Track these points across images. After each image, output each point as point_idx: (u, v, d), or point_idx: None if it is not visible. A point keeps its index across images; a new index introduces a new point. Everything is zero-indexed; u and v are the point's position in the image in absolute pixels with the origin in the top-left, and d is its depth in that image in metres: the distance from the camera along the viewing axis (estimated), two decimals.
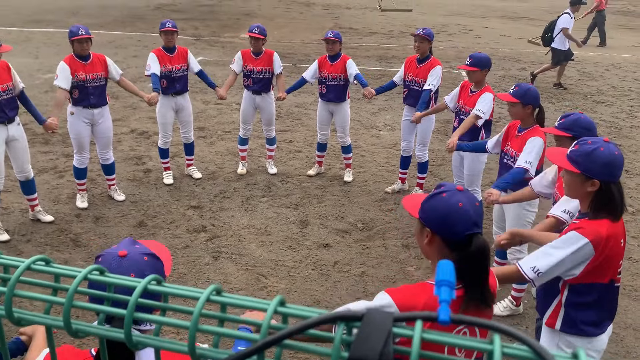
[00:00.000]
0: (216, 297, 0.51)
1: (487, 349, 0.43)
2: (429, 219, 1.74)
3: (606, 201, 2.36)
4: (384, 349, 0.42)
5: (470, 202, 1.70)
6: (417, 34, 5.70)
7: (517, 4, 33.63)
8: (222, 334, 0.50)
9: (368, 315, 0.45)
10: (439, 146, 7.85)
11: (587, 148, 2.35)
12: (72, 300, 0.52)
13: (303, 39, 16.72)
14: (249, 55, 6.29)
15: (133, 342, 0.50)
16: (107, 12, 21.52)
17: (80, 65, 5.29)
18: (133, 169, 6.75)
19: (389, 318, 0.44)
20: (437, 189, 1.77)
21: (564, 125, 3.22)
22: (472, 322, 0.47)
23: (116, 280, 0.56)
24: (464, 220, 1.67)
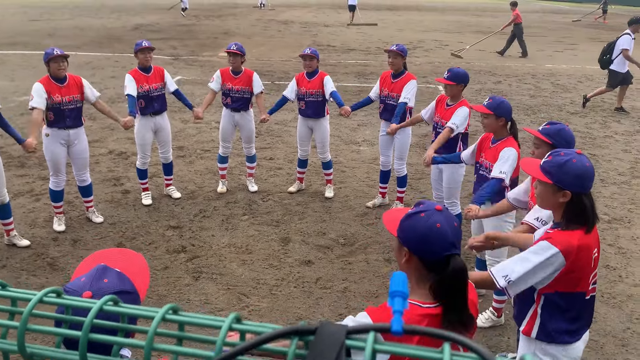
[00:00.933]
0: (172, 316, 0.51)
1: (437, 358, 0.44)
2: (406, 239, 1.72)
3: (577, 212, 2.40)
4: None
5: (449, 223, 1.69)
6: (391, 49, 5.78)
7: (491, 20, 34.32)
8: (179, 352, 0.50)
9: (321, 329, 0.45)
10: (418, 160, 7.92)
11: (559, 159, 2.40)
12: (26, 323, 0.51)
13: (281, 56, 16.83)
14: (228, 74, 6.31)
15: None
16: (84, 34, 21.43)
17: (56, 87, 5.24)
18: (111, 190, 6.67)
19: (342, 331, 0.45)
20: (415, 208, 1.76)
21: (547, 132, 3.27)
22: (424, 332, 0.48)
23: (71, 302, 0.55)
24: (442, 241, 1.66)
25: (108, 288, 1.43)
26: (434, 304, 1.70)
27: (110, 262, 1.53)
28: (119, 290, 1.43)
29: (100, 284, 1.43)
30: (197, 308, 4.36)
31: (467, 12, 41.94)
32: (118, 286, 1.45)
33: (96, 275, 1.45)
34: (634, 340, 4.14)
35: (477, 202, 3.74)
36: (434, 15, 37.13)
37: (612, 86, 11.04)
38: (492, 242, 2.89)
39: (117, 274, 1.48)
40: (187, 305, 4.39)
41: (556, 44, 22.14)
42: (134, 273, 1.54)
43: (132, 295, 1.47)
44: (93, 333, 0.51)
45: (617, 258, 5.37)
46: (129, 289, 1.47)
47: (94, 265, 1.53)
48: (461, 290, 1.68)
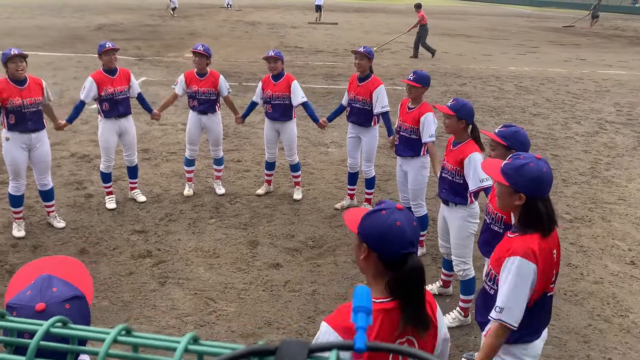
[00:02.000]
0: (124, 337, 0.49)
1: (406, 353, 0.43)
2: (366, 236, 1.75)
3: (532, 216, 2.45)
4: None
5: (408, 222, 1.72)
6: (358, 51, 5.81)
7: (456, 22, 34.91)
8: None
9: (282, 348, 0.44)
10: (386, 161, 7.98)
11: (517, 162, 2.45)
12: None
13: (249, 57, 16.73)
14: (194, 76, 6.23)
15: None
16: (45, 33, 20.87)
17: (16, 90, 5.07)
18: (74, 194, 6.50)
19: (304, 350, 0.44)
20: (377, 206, 1.79)
21: (503, 134, 3.37)
22: (388, 349, 0.47)
23: (18, 325, 0.52)
24: (400, 239, 1.69)
25: (59, 296, 1.38)
26: (387, 298, 1.73)
27: (49, 271, 1.46)
28: (71, 296, 1.38)
29: (50, 293, 1.37)
30: (163, 314, 4.28)
31: (432, 14, 42.53)
32: (68, 293, 1.39)
33: (43, 285, 1.38)
34: (595, 337, 4.26)
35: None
36: (400, 17, 37.52)
37: None
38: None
39: (63, 281, 1.42)
40: (153, 311, 4.30)
41: (519, 47, 22.65)
42: (76, 277, 1.49)
43: (83, 299, 1.42)
44: (40, 357, 0.49)
45: (579, 256, 5.51)
46: (79, 294, 1.42)
47: (29, 278, 1.45)
48: (417, 288, 1.72)
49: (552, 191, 2.64)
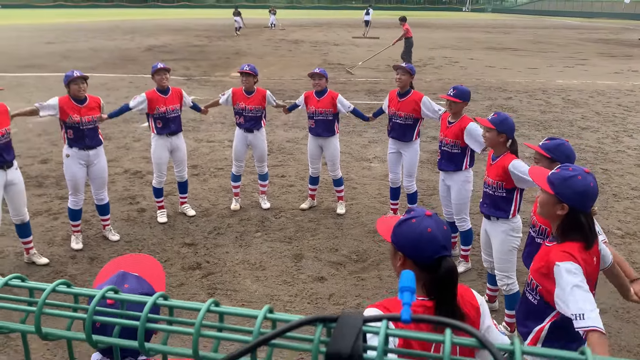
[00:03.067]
0: (215, 307, 0.59)
1: (440, 340, 0.51)
2: (400, 244, 1.85)
3: (573, 227, 2.45)
4: (354, 344, 0.50)
5: (439, 227, 1.82)
6: (400, 66, 5.90)
7: (500, 36, 34.48)
8: (222, 338, 0.57)
9: (342, 318, 0.53)
10: (429, 176, 7.98)
11: (565, 173, 2.47)
12: (41, 309, 0.62)
13: (292, 75, 17.05)
14: (241, 94, 6.45)
15: (145, 348, 0.57)
16: (98, 55, 21.89)
17: (77, 108, 5.40)
18: (127, 208, 6.80)
19: (359, 319, 0.52)
20: (407, 215, 1.88)
21: (547, 147, 3.38)
22: (430, 320, 0.55)
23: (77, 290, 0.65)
24: (433, 245, 1.79)
25: (130, 292, 1.50)
26: (426, 297, 1.84)
27: (128, 268, 1.60)
28: (140, 292, 1.50)
29: (122, 289, 1.50)
30: None
31: (475, 29, 42.20)
32: (138, 289, 1.51)
33: (116, 281, 1.52)
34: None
35: None
36: (443, 32, 37.39)
37: None
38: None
39: (136, 278, 1.55)
40: None
41: (566, 60, 22.19)
42: (151, 276, 1.62)
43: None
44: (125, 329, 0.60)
45: None
46: (148, 292, 1.53)
47: (108, 274, 1.60)
48: (450, 288, 1.81)
49: (603, 206, 2.64)
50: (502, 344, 0.51)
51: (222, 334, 0.58)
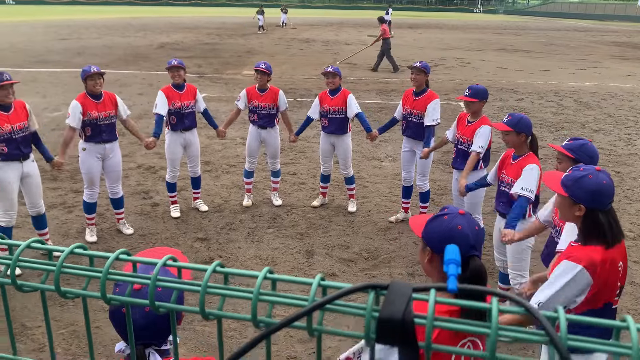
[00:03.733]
0: (271, 275, 0.63)
1: (485, 307, 0.54)
2: (430, 239, 1.85)
3: (592, 227, 2.46)
4: (406, 310, 0.54)
5: (470, 226, 1.81)
6: (414, 66, 5.91)
7: (513, 37, 34.32)
8: (278, 302, 0.62)
9: (392, 285, 0.56)
10: (441, 176, 7.99)
11: (577, 174, 2.49)
12: (60, 268, 0.70)
13: (304, 74, 17.09)
14: (255, 92, 6.49)
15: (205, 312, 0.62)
16: (112, 52, 22.05)
17: (93, 104, 5.47)
18: (141, 203, 6.87)
19: (409, 287, 0.56)
20: (440, 211, 1.88)
21: (570, 147, 3.37)
22: (474, 290, 0.58)
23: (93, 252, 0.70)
24: (463, 243, 1.77)
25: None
26: (454, 298, 1.80)
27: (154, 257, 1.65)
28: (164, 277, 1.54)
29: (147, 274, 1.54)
30: None
31: (488, 30, 42.04)
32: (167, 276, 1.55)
33: (141, 268, 1.56)
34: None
35: (510, 226, 3.79)
36: (454, 33, 37.29)
37: None
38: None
39: (163, 268, 1.59)
40: None
41: (579, 62, 22.08)
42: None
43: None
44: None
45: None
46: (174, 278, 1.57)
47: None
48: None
49: (615, 208, 2.64)
50: (546, 312, 0.54)
51: (280, 299, 0.62)
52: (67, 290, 0.71)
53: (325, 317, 0.61)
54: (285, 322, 0.58)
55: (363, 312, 0.57)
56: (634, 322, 0.51)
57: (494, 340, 0.52)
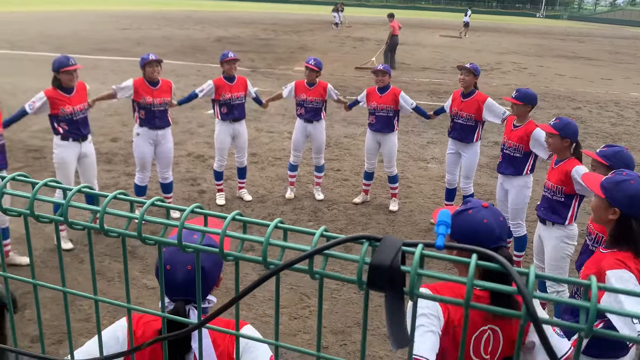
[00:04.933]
0: (282, 225, 0.71)
1: (467, 262, 0.59)
2: (455, 235, 1.88)
3: (623, 232, 2.42)
4: (394, 259, 0.59)
5: (495, 218, 1.84)
6: (464, 66, 5.87)
7: (575, 44, 33.16)
8: (286, 246, 0.69)
9: (385, 238, 0.62)
10: (487, 181, 7.88)
11: (618, 178, 2.45)
12: (105, 210, 0.82)
13: (355, 72, 17.12)
14: (303, 86, 6.60)
15: (224, 254, 0.69)
16: (170, 43, 22.74)
17: (149, 89, 5.71)
18: (188, 189, 7.11)
19: (400, 241, 0.61)
20: (463, 205, 1.91)
21: (604, 154, 3.33)
22: (461, 248, 0.63)
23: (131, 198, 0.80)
24: (489, 236, 1.82)
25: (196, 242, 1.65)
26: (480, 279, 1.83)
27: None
28: (205, 244, 1.65)
29: (190, 239, 1.65)
30: (261, 303, 4.60)
31: (549, 35, 40.79)
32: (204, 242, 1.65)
33: (188, 232, 1.67)
34: None
35: None
36: (514, 37, 36.38)
37: None
38: None
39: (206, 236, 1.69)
40: (252, 300, 4.64)
41: None
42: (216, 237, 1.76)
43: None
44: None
45: None
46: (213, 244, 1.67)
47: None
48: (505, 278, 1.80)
49: None
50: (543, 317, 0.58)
51: (287, 243, 0.70)
52: (146, 237, 0.81)
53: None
54: (289, 263, 0.65)
55: (357, 258, 0.63)
56: (595, 281, 0.55)
57: (592, 317, 0.57)
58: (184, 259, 1.65)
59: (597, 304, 0.52)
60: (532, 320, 0.55)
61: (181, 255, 1.65)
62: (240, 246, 0.75)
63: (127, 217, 0.82)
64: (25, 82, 12.53)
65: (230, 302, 0.72)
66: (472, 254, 0.60)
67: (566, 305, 4.18)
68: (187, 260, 1.64)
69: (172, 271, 1.63)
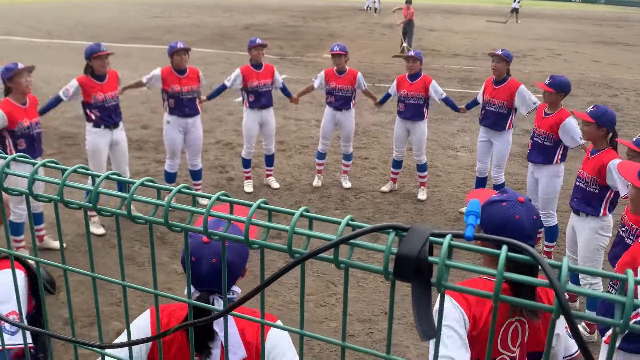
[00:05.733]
0: (306, 214, 0.70)
1: (497, 253, 0.58)
2: (485, 225, 1.82)
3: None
4: (421, 249, 0.58)
5: (528, 215, 1.77)
6: (495, 53, 5.74)
7: (613, 29, 32.14)
8: (311, 235, 0.69)
9: (412, 227, 0.61)
10: (518, 170, 7.73)
11: None
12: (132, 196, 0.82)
13: (384, 59, 16.94)
14: (333, 74, 6.56)
15: (249, 241, 0.68)
16: (200, 31, 22.87)
17: (177, 78, 5.77)
18: (217, 176, 7.18)
19: (428, 231, 0.60)
20: (499, 195, 1.85)
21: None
22: (489, 239, 0.61)
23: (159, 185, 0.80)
24: (518, 233, 1.75)
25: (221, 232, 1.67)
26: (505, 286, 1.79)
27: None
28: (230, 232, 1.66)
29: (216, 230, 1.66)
30: (288, 290, 4.63)
31: (586, 20, 39.60)
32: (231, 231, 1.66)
33: (214, 223, 1.68)
34: None
35: None
36: (548, 22, 35.43)
37: None
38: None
39: (233, 225, 1.70)
40: (279, 286, 4.67)
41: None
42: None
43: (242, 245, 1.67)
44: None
45: None
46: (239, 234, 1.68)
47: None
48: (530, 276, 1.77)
49: None
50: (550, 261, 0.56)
51: (313, 232, 0.69)
52: (172, 224, 0.81)
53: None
54: (314, 252, 0.65)
55: (383, 248, 0.62)
56: (632, 275, 0.52)
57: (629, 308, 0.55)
58: (209, 252, 1.66)
59: (635, 298, 0.50)
60: (564, 315, 0.53)
61: (206, 248, 1.65)
62: (266, 234, 0.75)
63: (154, 204, 0.82)
64: (62, 70, 12.80)
65: (255, 290, 0.72)
66: (502, 245, 0.58)
67: (601, 299, 4.09)
68: (212, 254, 1.65)
69: (197, 263, 1.64)
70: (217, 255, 1.64)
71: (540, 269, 0.54)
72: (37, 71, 5.07)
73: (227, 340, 0.88)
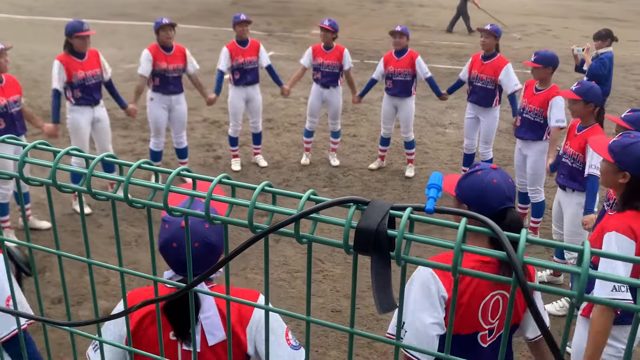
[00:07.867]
0: (268, 188, 0.69)
1: (455, 225, 0.57)
2: (465, 196, 1.87)
3: (634, 195, 2.37)
4: (381, 222, 0.57)
5: (504, 179, 1.83)
6: (484, 29, 5.72)
7: (603, 4, 32.01)
8: (274, 210, 0.68)
9: (373, 202, 0.60)
10: (506, 146, 7.75)
11: (626, 141, 2.39)
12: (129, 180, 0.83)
13: (374, 35, 16.78)
14: (320, 49, 6.49)
15: (253, 225, 0.67)
16: (186, 7, 22.48)
17: (163, 55, 5.68)
18: (204, 155, 7.13)
19: (387, 204, 0.59)
20: (472, 168, 1.89)
21: (629, 119, 3.26)
22: (450, 212, 0.60)
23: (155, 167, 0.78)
24: (499, 196, 1.80)
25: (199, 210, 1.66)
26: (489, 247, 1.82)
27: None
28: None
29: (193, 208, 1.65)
30: (276, 268, 4.64)
31: None
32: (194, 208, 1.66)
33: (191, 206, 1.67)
34: None
35: (588, 210, 3.70)
36: None
37: None
38: None
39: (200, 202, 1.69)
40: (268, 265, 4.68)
41: None
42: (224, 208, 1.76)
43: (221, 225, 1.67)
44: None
45: None
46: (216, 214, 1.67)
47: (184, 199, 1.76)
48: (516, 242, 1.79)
49: None
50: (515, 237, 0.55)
51: (275, 207, 0.68)
52: (173, 208, 0.83)
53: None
54: (275, 227, 0.64)
55: (343, 222, 0.61)
56: (588, 246, 0.52)
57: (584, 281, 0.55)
58: (190, 237, 1.65)
59: (589, 270, 0.49)
60: (520, 286, 0.53)
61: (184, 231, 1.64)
62: (229, 210, 0.74)
63: (152, 187, 0.80)
64: (44, 48, 12.57)
65: (218, 264, 0.71)
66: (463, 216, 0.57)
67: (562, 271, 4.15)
68: (194, 238, 1.64)
69: (178, 248, 1.64)
70: (200, 240, 1.63)
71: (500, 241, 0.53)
72: (19, 49, 4.97)
73: (193, 316, 0.87)
